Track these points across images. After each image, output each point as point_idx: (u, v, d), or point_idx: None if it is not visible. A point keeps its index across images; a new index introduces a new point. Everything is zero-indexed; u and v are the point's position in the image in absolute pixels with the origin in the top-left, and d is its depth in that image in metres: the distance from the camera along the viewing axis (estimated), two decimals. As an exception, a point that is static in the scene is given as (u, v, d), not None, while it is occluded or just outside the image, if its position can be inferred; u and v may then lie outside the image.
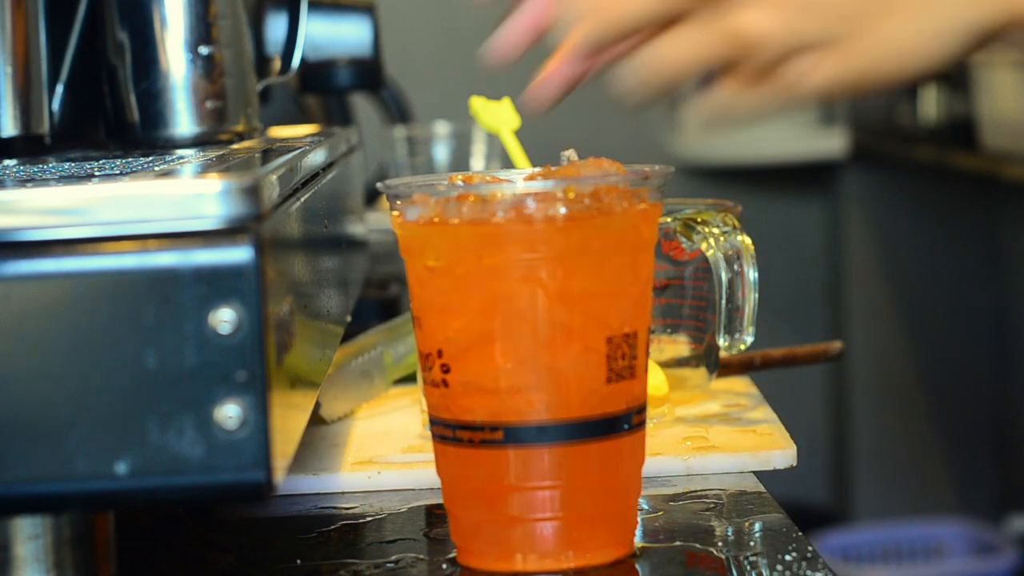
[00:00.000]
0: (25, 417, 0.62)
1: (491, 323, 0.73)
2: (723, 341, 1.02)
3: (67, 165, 0.82)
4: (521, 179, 0.74)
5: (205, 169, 0.73)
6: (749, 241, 1.00)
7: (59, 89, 1.01)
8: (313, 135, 1.10)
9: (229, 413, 0.62)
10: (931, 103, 2.88)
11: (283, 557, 0.82)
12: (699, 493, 0.89)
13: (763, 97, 0.70)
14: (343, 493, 0.92)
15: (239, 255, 0.62)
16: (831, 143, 3.02)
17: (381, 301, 1.36)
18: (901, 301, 3.05)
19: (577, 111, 2.76)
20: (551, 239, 0.73)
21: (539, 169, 0.77)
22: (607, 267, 0.74)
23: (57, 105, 1.01)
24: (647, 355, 0.77)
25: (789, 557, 0.77)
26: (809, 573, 0.75)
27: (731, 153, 3.07)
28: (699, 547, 0.79)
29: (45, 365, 0.62)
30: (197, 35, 1.00)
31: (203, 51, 1.00)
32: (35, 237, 0.63)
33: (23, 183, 0.69)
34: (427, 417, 0.78)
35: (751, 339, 1.03)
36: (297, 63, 1.15)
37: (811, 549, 0.78)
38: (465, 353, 0.74)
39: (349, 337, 1.11)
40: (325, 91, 1.53)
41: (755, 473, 0.92)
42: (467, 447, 0.75)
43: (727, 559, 0.78)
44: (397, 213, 0.76)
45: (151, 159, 0.84)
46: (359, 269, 1.14)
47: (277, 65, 1.20)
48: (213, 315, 0.62)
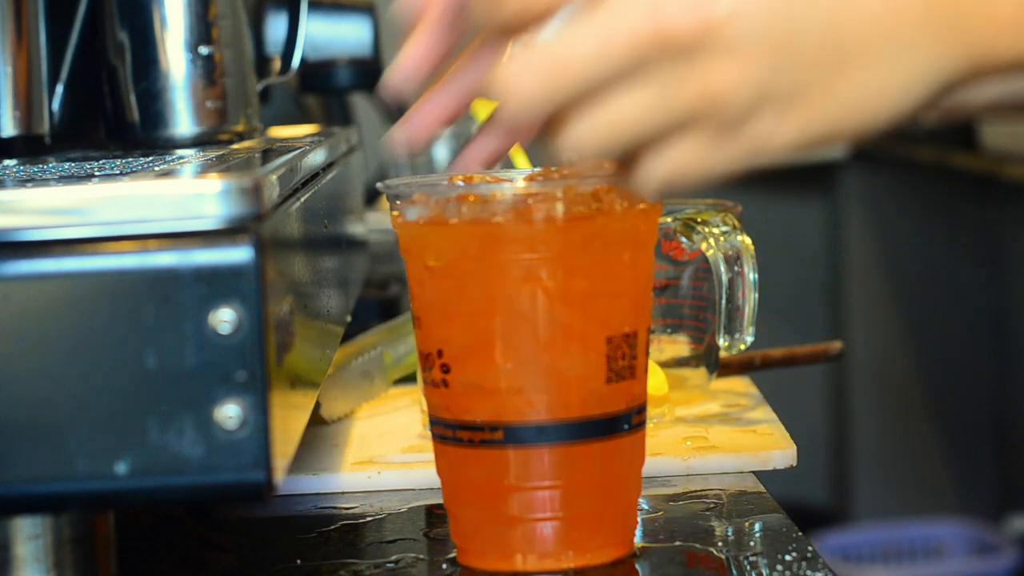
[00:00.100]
0: (25, 417, 0.62)
1: (491, 323, 0.73)
2: (723, 341, 1.02)
3: (67, 165, 0.82)
4: (521, 179, 0.74)
5: (205, 169, 0.73)
6: (749, 241, 1.00)
7: (59, 89, 1.01)
8: (313, 135, 1.10)
9: (229, 413, 0.62)
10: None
11: (283, 557, 0.82)
12: (699, 493, 0.89)
13: (728, 157, 0.65)
14: (343, 493, 0.92)
15: (239, 255, 0.62)
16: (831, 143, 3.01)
17: (381, 301, 1.36)
18: (901, 301, 3.05)
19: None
20: (551, 239, 0.73)
21: (539, 169, 0.77)
22: (607, 267, 0.74)
23: (57, 105, 1.01)
24: (647, 355, 0.77)
25: (789, 557, 0.77)
26: (809, 573, 0.75)
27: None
28: (699, 547, 0.79)
29: (45, 365, 0.62)
30: (197, 35, 1.00)
31: (203, 51, 1.00)
32: (35, 237, 0.62)
33: (23, 183, 0.69)
34: (427, 417, 0.78)
35: (751, 339, 1.03)
36: (297, 63, 1.15)
37: (811, 549, 0.78)
38: (465, 353, 0.74)
39: (349, 337, 1.11)
40: (325, 91, 1.53)
41: (755, 473, 0.92)
42: (467, 447, 0.75)
43: (727, 559, 0.78)
44: (397, 213, 0.76)
45: (151, 159, 0.84)
46: (359, 269, 1.14)
47: (277, 65, 1.20)
48: (213, 315, 0.62)
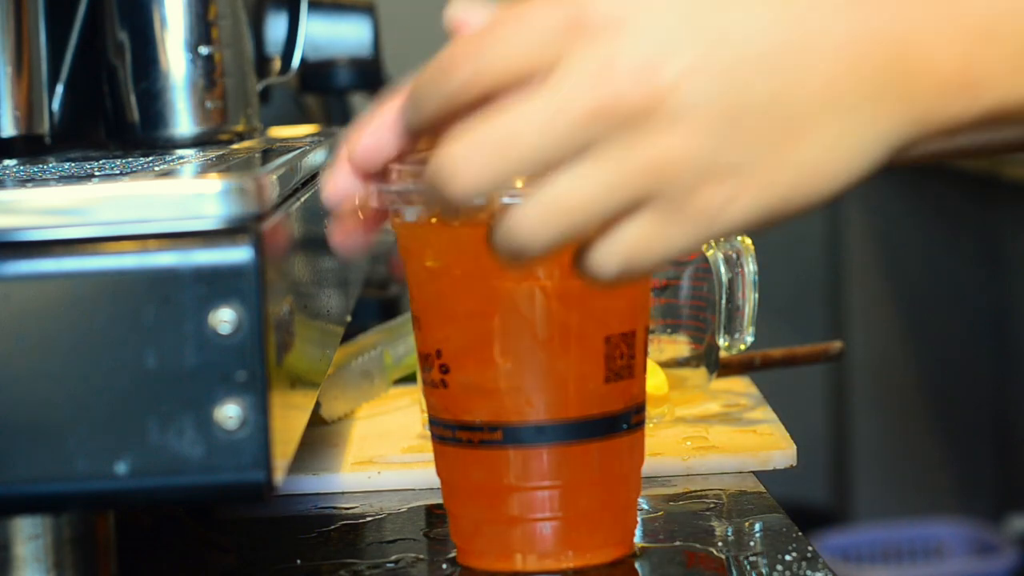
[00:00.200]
0: (25, 417, 0.62)
1: (489, 323, 0.73)
2: (723, 341, 1.02)
3: (67, 165, 0.82)
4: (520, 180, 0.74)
5: (205, 169, 0.73)
6: (749, 241, 1.00)
7: (59, 89, 1.01)
8: (313, 135, 1.10)
9: (229, 413, 0.62)
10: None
11: (283, 557, 0.82)
12: (699, 493, 0.89)
13: (682, 233, 0.61)
14: (343, 493, 0.92)
15: (239, 255, 0.62)
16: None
17: (381, 301, 1.37)
18: (901, 301, 3.05)
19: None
20: (551, 239, 0.72)
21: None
22: (607, 267, 0.74)
23: (57, 105, 1.01)
24: (646, 355, 0.77)
25: (789, 557, 0.77)
26: (809, 573, 0.75)
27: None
28: (699, 547, 0.79)
29: (45, 365, 0.62)
30: (197, 35, 1.00)
31: (203, 51, 1.00)
32: (35, 237, 0.62)
33: (23, 183, 0.69)
34: (427, 417, 0.78)
35: (751, 339, 1.03)
36: (297, 63, 1.15)
37: (811, 549, 0.78)
38: (464, 353, 0.74)
39: (349, 337, 1.11)
40: (325, 91, 1.54)
41: (755, 473, 0.92)
42: (466, 447, 0.75)
43: (727, 559, 0.78)
44: (396, 214, 0.76)
45: (151, 159, 0.84)
46: (359, 269, 1.14)
47: (277, 65, 1.20)
48: (213, 315, 0.62)
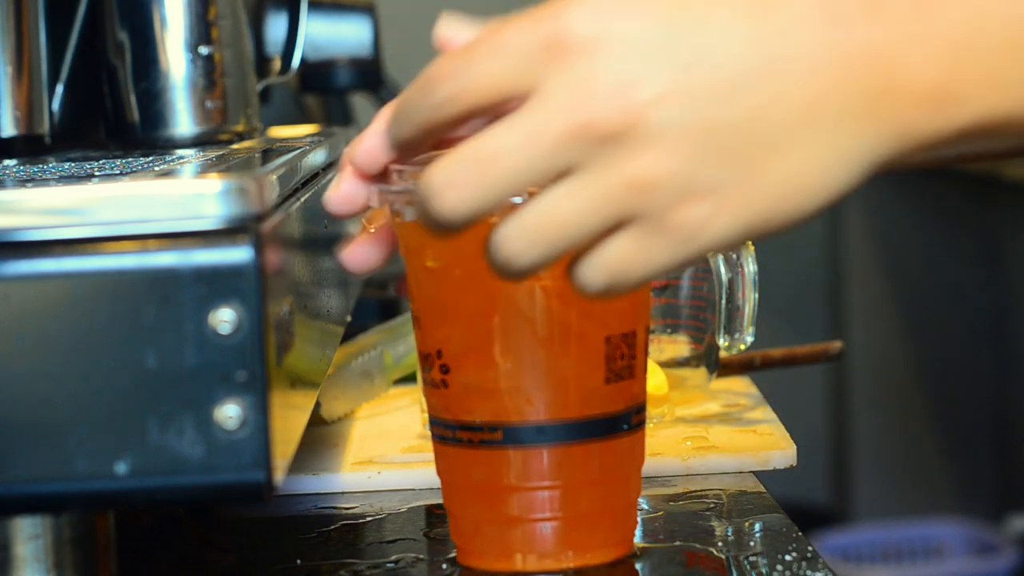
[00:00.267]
0: (25, 417, 0.62)
1: (490, 323, 0.73)
2: (723, 341, 1.02)
3: (67, 165, 0.82)
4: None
5: (205, 169, 0.73)
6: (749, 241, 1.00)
7: (59, 89, 1.01)
8: (313, 135, 1.10)
9: (229, 413, 0.62)
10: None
11: (283, 557, 0.82)
12: (699, 493, 0.89)
13: (663, 252, 0.61)
14: (343, 493, 0.92)
15: (239, 255, 0.62)
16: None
17: (381, 301, 1.37)
18: (901, 301, 3.05)
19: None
20: (551, 239, 0.72)
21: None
22: (607, 267, 0.74)
23: (57, 105, 1.01)
24: (646, 355, 0.77)
25: (789, 557, 0.77)
26: (809, 573, 0.75)
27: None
28: (699, 547, 0.79)
29: (45, 365, 0.62)
30: (197, 35, 1.00)
31: (203, 51, 1.00)
32: (35, 237, 0.62)
33: (23, 183, 0.69)
34: (427, 417, 0.78)
35: (751, 339, 1.03)
36: (297, 63, 1.15)
37: (811, 549, 0.78)
38: (464, 354, 0.74)
39: (349, 337, 1.11)
40: (325, 91, 1.54)
41: (755, 473, 0.92)
42: (467, 447, 0.75)
43: (727, 559, 0.78)
44: (396, 214, 0.76)
45: (151, 159, 0.84)
46: (356, 277, 1.14)
47: (277, 65, 1.20)
48: (213, 315, 0.62)
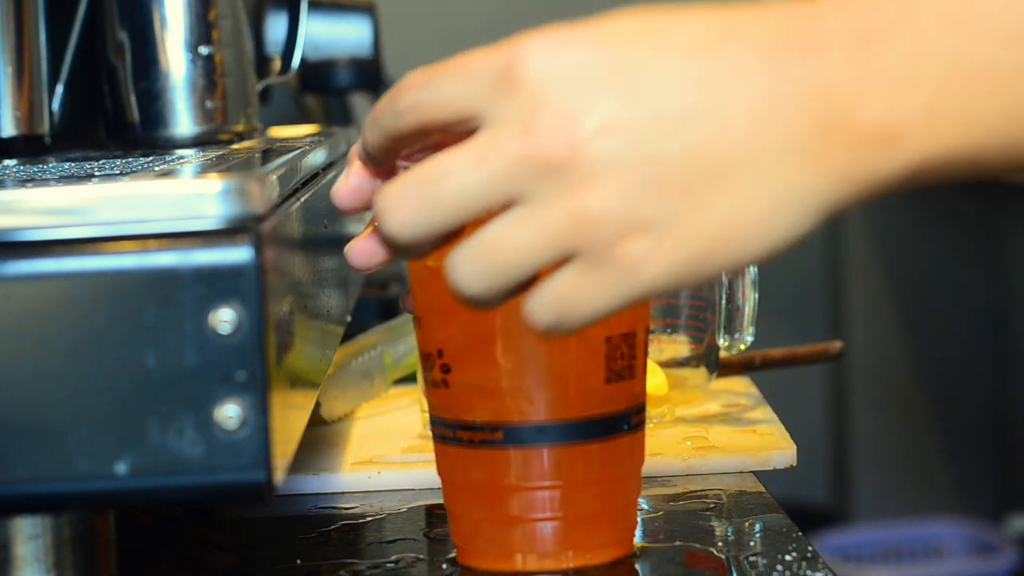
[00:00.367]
0: (25, 417, 0.62)
1: (491, 323, 0.73)
2: (723, 341, 1.02)
3: (67, 165, 0.82)
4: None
5: (205, 169, 0.73)
6: (749, 241, 1.00)
7: (59, 89, 1.01)
8: (313, 135, 1.10)
9: (229, 413, 0.62)
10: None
11: (283, 557, 0.82)
12: (699, 493, 0.89)
13: (607, 287, 0.59)
14: (343, 493, 0.92)
15: (239, 255, 0.62)
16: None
17: (381, 301, 1.37)
18: (901, 301, 3.05)
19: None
20: (551, 239, 0.72)
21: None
22: (607, 267, 0.74)
23: (57, 105, 1.01)
24: (646, 355, 0.77)
25: (789, 557, 0.77)
26: (809, 573, 0.75)
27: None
28: (699, 547, 0.79)
29: (45, 365, 0.62)
30: (197, 35, 1.00)
31: (203, 51, 1.00)
32: (35, 237, 0.62)
33: (23, 183, 0.69)
34: (427, 417, 0.78)
35: (751, 339, 1.03)
36: (297, 63, 1.15)
37: (811, 549, 0.78)
38: (465, 353, 0.74)
39: (349, 337, 1.11)
40: (325, 91, 1.54)
41: (755, 473, 0.92)
42: (467, 447, 0.75)
43: (727, 559, 0.78)
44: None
45: (151, 159, 0.84)
46: (360, 274, 1.14)
47: (277, 65, 1.20)
48: (213, 315, 0.62)
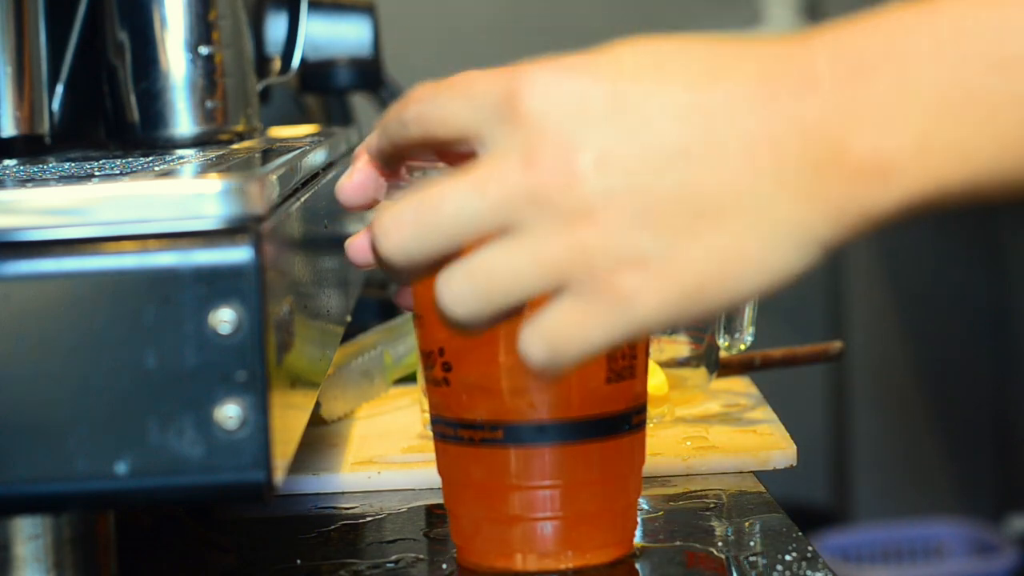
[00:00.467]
0: (25, 417, 0.62)
1: (491, 323, 0.73)
2: (723, 341, 1.02)
3: (67, 165, 0.82)
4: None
5: (205, 169, 0.73)
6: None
7: (59, 89, 1.01)
8: (313, 135, 1.10)
9: (229, 413, 0.62)
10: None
11: (283, 557, 0.82)
12: (699, 493, 0.89)
13: (602, 321, 0.59)
14: (343, 493, 0.92)
15: (239, 255, 0.62)
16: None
17: (381, 301, 1.36)
18: (901, 301, 3.05)
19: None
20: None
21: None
22: (607, 267, 0.74)
23: (57, 105, 1.01)
24: (647, 355, 0.77)
25: (789, 557, 0.77)
26: (809, 573, 0.75)
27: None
28: (699, 547, 0.79)
29: (45, 365, 0.62)
30: (197, 35, 1.00)
31: (203, 51, 1.00)
32: (35, 237, 0.62)
33: (23, 183, 0.69)
34: (427, 417, 0.78)
35: (751, 339, 1.03)
36: (297, 63, 1.15)
37: (811, 549, 0.78)
38: (467, 352, 0.74)
39: (349, 337, 1.11)
40: (325, 91, 1.53)
41: (755, 473, 0.92)
42: (468, 446, 0.75)
43: (727, 559, 0.78)
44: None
45: (151, 159, 0.84)
46: (359, 269, 1.14)
47: (277, 65, 1.20)
48: (213, 315, 0.62)
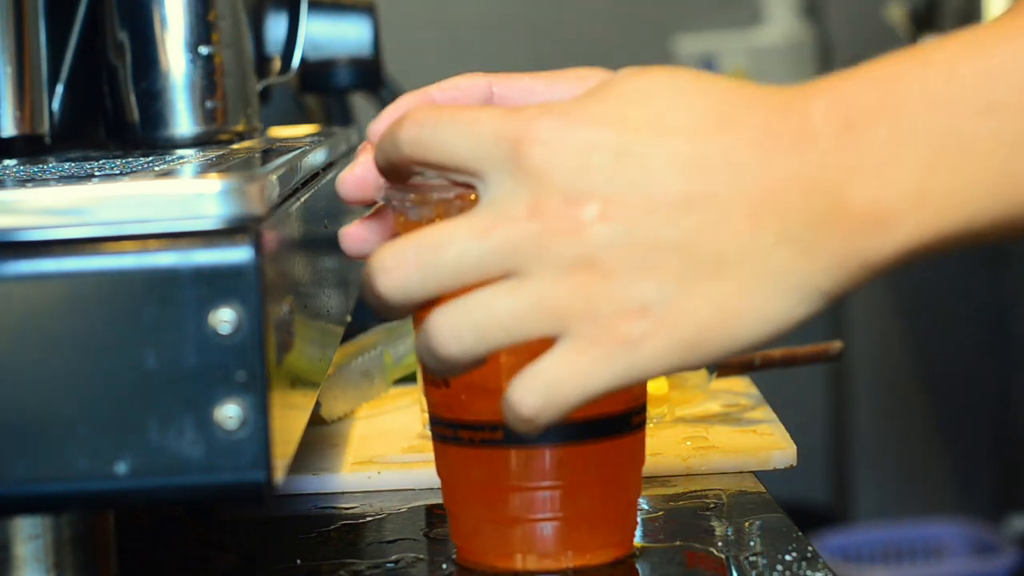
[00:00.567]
0: (25, 417, 0.62)
1: (491, 323, 0.73)
2: (723, 341, 1.02)
3: (67, 165, 0.82)
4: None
5: (205, 169, 0.73)
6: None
7: (59, 89, 1.01)
8: (313, 135, 1.10)
9: (229, 413, 0.62)
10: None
11: (283, 557, 0.82)
12: (699, 493, 0.89)
13: (602, 367, 0.59)
14: (343, 493, 0.92)
15: (239, 255, 0.62)
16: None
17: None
18: (902, 301, 3.05)
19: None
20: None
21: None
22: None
23: (57, 105, 1.01)
24: (647, 355, 0.77)
25: (789, 557, 0.77)
26: (809, 573, 0.75)
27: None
28: (699, 547, 0.79)
29: (45, 365, 0.62)
30: (197, 35, 1.00)
31: (203, 51, 1.00)
32: (35, 237, 0.62)
33: (23, 183, 0.69)
34: (427, 417, 0.78)
35: (751, 339, 1.03)
36: (297, 63, 1.15)
37: (811, 549, 0.78)
38: (465, 353, 0.74)
39: (349, 337, 1.11)
40: (325, 91, 1.53)
41: (755, 473, 0.92)
42: (467, 446, 0.75)
43: (727, 559, 0.78)
44: (399, 214, 0.75)
45: (151, 159, 0.84)
46: (359, 269, 1.14)
47: (277, 65, 1.20)
48: (213, 315, 0.62)
